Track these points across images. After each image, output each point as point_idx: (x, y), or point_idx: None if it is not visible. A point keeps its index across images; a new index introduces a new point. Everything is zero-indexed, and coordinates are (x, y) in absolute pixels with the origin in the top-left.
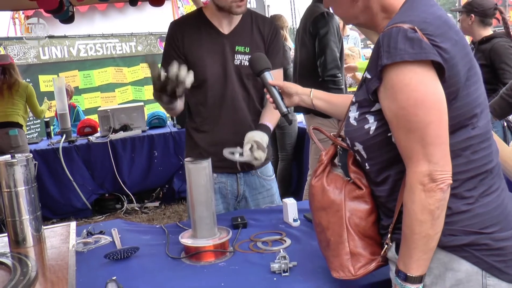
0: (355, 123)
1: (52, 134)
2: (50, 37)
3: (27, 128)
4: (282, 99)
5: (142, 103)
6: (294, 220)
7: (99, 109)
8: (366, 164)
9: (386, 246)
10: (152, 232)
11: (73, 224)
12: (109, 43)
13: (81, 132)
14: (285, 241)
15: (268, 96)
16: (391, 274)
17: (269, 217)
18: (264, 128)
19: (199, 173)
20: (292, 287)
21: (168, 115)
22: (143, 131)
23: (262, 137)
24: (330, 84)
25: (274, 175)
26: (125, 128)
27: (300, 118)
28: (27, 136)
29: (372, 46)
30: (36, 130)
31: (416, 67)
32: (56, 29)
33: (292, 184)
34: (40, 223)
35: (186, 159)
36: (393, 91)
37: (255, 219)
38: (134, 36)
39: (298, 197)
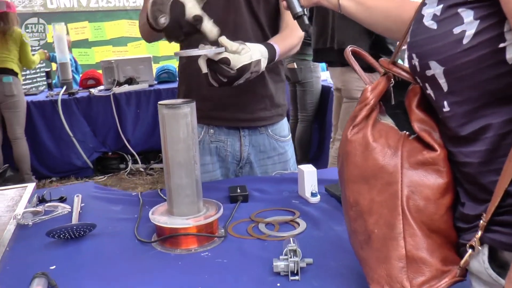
0: (434, 26)
1: (52, 85)
2: None
3: (30, 79)
4: None
5: (150, 55)
6: (313, 195)
7: (103, 59)
8: (445, 103)
9: (470, 251)
10: (125, 202)
11: (31, 186)
12: None
13: (84, 84)
14: (298, 225)
15: None
16: None
17: (279, 188)
18: (266, 44)
19: (177, 123)
20: None
21: None
22: (150, 86)
23: (256, 46)
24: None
25: (289, 136)
26: (130, 81)
27: (324, 75)
28: (31, 87)
29: None
30: (43, 82)
31: None
32: None
33: (311, 149)
34: None
35: (160, 102)
36: None
37: (261, 190)
38: None
39: (318, 165)
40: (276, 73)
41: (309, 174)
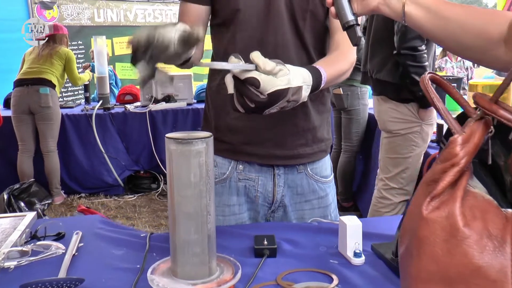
0: None
1: (90, 99)
2: None
3: (72, 91)
4: (349, 0)
5: (190, 73)
6: (356, 255)
7: None
8: None
9: None
10: (130, 244)
11: (30, 215)
12: (170, 10)
13: (121, 99)
14: None
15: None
16: None
17: (315, 240)
18: (310, 68)
19: (188, 162)
20: None
21: None
22: (188, 104)
23: (298, 70)
24: (408, 59)
25: (332, 176)
26: (168, 99)
27: (371, 103)
28: (72, 99)
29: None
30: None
31: None
32: None
33: (354, 182)
34: None
35: (167, 135)
36: None
37: (293, 241)
38: None
39: (360, 201)
40: (321, 102)
41: (352, 229)
